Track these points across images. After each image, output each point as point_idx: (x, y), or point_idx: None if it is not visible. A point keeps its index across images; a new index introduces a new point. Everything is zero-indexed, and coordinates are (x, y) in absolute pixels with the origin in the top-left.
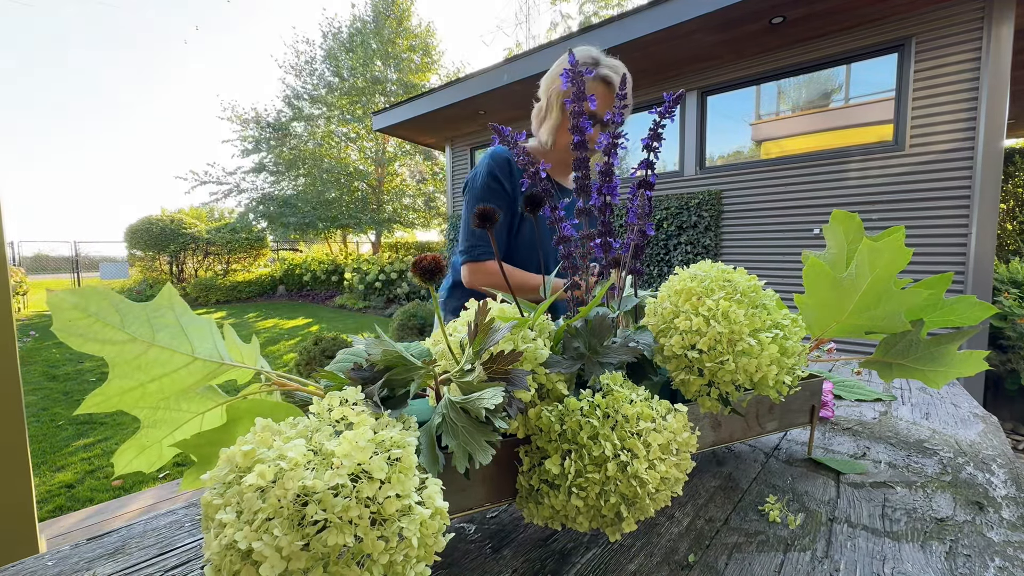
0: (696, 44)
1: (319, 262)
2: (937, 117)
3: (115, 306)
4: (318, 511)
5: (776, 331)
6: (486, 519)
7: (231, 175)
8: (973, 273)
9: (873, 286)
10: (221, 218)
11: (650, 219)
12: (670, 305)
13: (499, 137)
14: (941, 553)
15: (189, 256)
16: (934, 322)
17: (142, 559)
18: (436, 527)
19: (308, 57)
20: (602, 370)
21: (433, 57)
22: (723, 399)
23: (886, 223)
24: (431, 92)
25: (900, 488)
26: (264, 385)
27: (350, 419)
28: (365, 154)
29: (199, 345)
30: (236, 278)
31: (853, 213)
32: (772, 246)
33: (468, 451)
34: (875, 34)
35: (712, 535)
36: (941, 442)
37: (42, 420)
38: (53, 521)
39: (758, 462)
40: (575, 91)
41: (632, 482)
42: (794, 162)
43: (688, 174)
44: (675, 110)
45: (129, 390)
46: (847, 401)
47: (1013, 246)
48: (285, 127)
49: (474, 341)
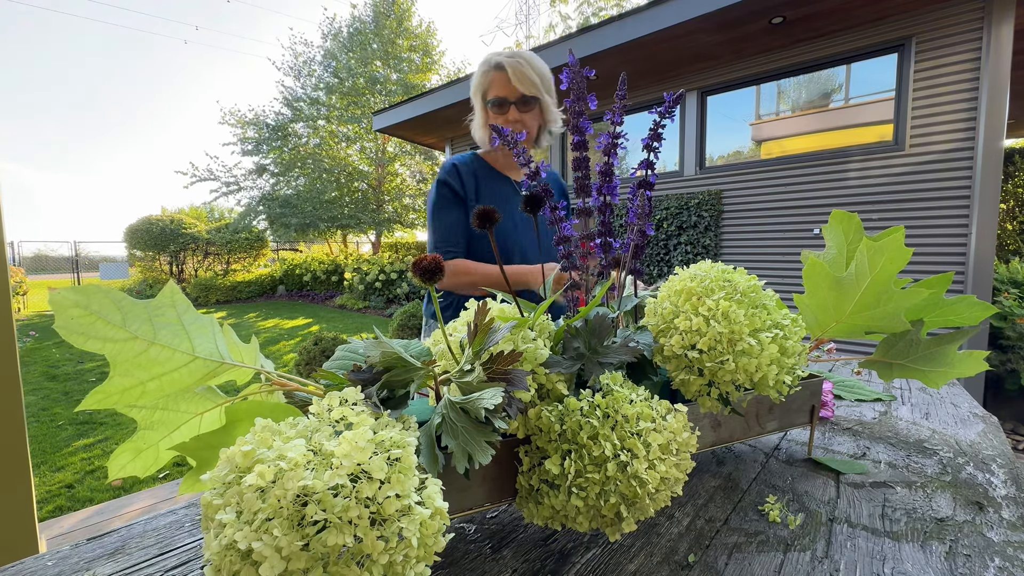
0: (696, 44)
1: (319, 262)
2: (937, 117)
3: (117, 304)
4: (318, 511)
5: (776, 331)
6: (486, 519)
7: (231, 172)
8: (973, 273)
9: (873, 286)
10: (221, 218)
11: (650, 219)
12: (670, 305)
13: (499, 137)
14: (941, 553)
15: (189, 256)
16: (934, 322)
17: (142, 559)
18: (436, 527)
19: (307, 58)
20: (602, 370)
21: (433, 57)
22: (723, 399)
23: (886, 223)
24: (431, 92)
25: (900, 488)
26: (264, 385)
27: (350, 419)
28: (365, 154)
29: (200, 344)
30: (236, 278)
31: (853, 213)
32: (772, 246)
33: (468, 451)
34: (875, 34)
35: (712, 535)
36: (941, 442)
37: (42, 420)
38: (53, 521)
39: (758, 462)
40: (575, 92)
41: (632, 482)
42: (794, 162)
43: (688, 174)
44: (675, 110)
45: (130, 388)
46: (847, 401)
47: (1013, 246)
48: (285, 128)
49: (474, 341)
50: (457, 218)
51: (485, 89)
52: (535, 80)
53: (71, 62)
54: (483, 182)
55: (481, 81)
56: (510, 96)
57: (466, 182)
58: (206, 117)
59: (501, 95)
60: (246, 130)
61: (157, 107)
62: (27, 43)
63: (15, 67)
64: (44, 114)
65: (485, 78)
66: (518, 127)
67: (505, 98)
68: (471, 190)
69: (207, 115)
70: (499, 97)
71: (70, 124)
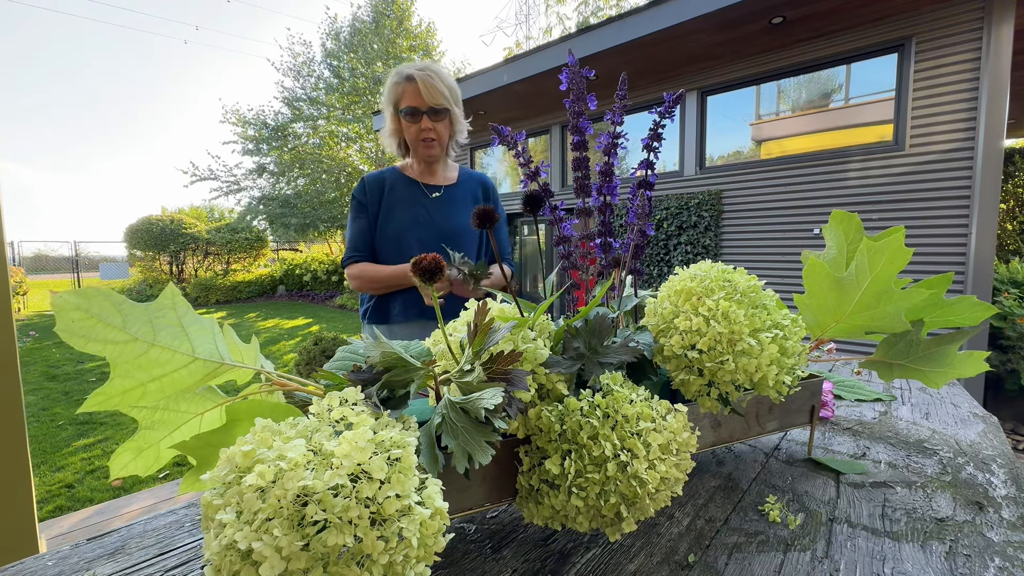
0: (696, 44)
1: (319, 262)
2: (937, 117)
3: (117, 307)
4: (318, 511)
5: (776, 331)
6: (486, 519)
7: (231, 171)
8: (973, 273)
9: (873, 286)
10: (221, 218)
11: (650, 219)
12: (670, 305)
13: (499, 137)
14: (941, 553)
15: (189, 256)
16: (934, 322)
17: (142, 559)
18: (436, 527)
19: (306, 59)
20: (602, 370)
21: (433, 57)
22: (723, 399)
23: (886, 223)
24: None
25: (900, 488)
26: (264, 385)
27: (350, 419)
28: (365, 154)
29: (200, 345)
30: (236, 278)
31: (853, 213)
32: (772, 246)
33: (468, 451)
34: (875, 34)
35: (712, 535)
36: (941, 442)
37: (42, 420)
38: (53, 521)
39: (758, 462)
40: (575, 92)
41: (632, 482)
42: (794, 162)
43: (688, 174)
44: (675, 110)
45: (130, 389)
46: (847, 401)
47: (1013, 246)
48: (285, 129)
49: (474, 341)
50: (361, 227)
51: (397, 99)
52: (444, 92)
53: (71, 62)
54: (390, 190)
55: (394, 92)
56: (421, 106)
57: (369, 192)
58: (206, 117)
59: (413, 104)
60: (246, 129)
61: (157, 107)
62: (27, 43)
63: (15, 67)
64: (44, 114)
65: (397, 88)
66: (431, 135)
67: (417, 108)
68: (374, 199)
69: (207, 115)
70: (411, 107)
71: (70, 124)
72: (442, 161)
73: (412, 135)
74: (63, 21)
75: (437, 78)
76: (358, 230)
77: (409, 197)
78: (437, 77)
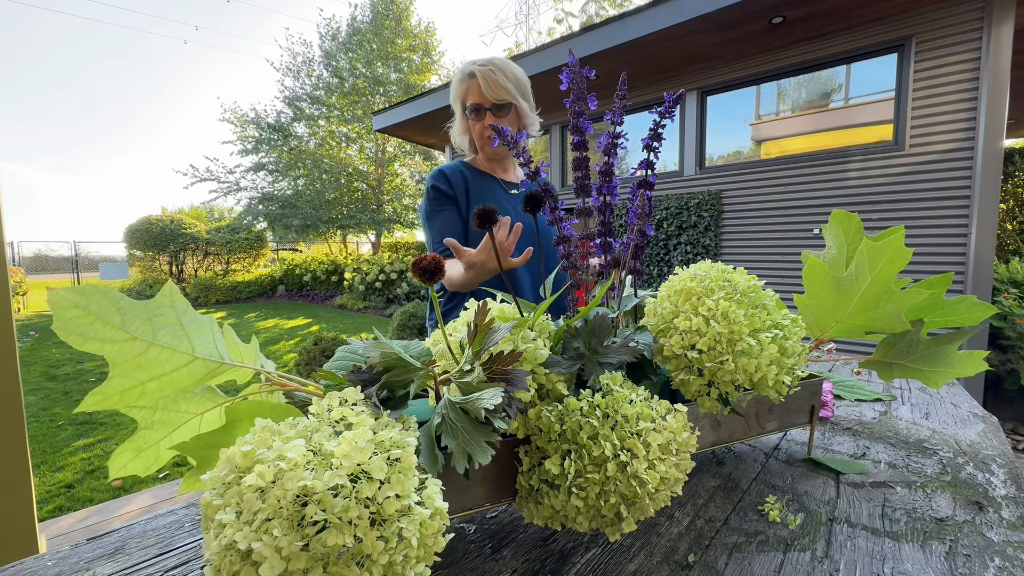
0: (696, 44)
1: (319, 262)
2: (937, 117)
3: (116, 305)
4: (318, 511)
5: (776, 331)
6: (486, 519)
7: (231, 173)
8: (973, 273)
9: (873, 286)
10: (221, 218)
11: (650, 219)
12: (670, 305)
13: (499, 137)
14: (941, 553)
15: (189, 256)
16: (934, 322)
17: (142, 559)
18: (436, 527)
19: (305, 58)
20: (602, 370)
21: (433, 57)
22: (723, 399)
23: (886, 223)
24: (431, 92)
25: (900, 488)
26: (264, 385)
27: (349, 419)
28: (365, 154)
29: (199, 344)
30: (236, 278)
31: (853, 213)
32: (772, 246)
33: (468, 451)
34: (875, 34)
35: (712, 535)
36: (941, 442)
37: (42, 420)
38: (53, 521)
39: (758, 462)
40: (575, 92)
41: (632, 482)
42: (794, 162)
43: (688, 174)
44: (675, 110)
45: (129, 389)
46: (847, 401)
47: (1013, 246)
48: (285, 129)
49: (474, 341)
50: (449, 217)
51: (463, 97)
52: (508, 86)
53: (71, 62)
54: (472, 181)
55: (459, 89)
56: (484, 103)
57: (454, 182)
58: (206, 117)
59: (476, 102)
60: (246, 128)
61: (157, 107)
62: (27, 43)
63: (15, 67)
64: (44, 114)
65: (462, 86)
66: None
67: (480, 104)
68: (460, 189)
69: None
70: (475, 104)
71: (70, 124)
72: (511, 158)
73: (477, 132)
74: (64, 21)
75: (500, 72)
76: (447, 221)
77: (490, 191)
78: (500, 71)
